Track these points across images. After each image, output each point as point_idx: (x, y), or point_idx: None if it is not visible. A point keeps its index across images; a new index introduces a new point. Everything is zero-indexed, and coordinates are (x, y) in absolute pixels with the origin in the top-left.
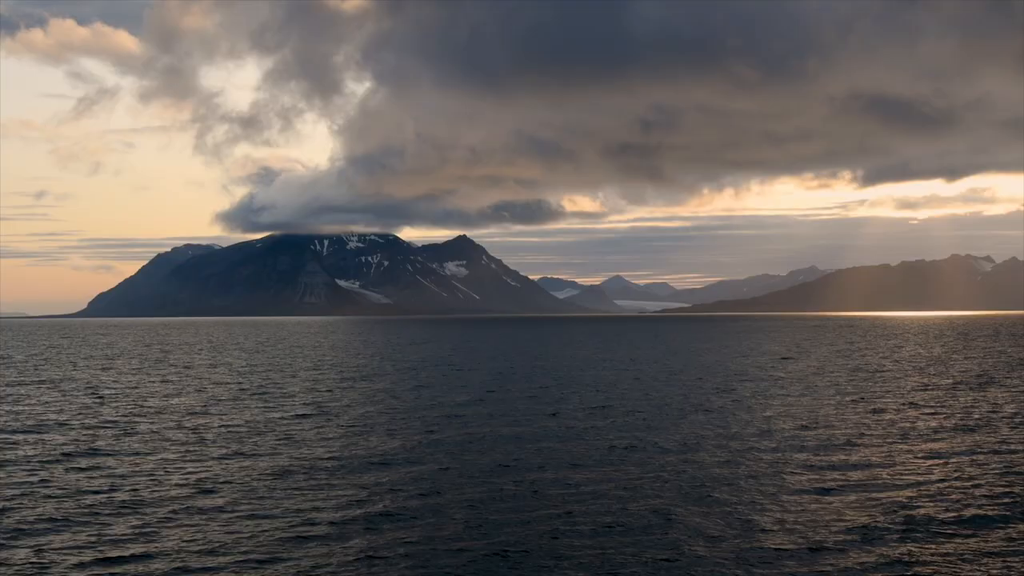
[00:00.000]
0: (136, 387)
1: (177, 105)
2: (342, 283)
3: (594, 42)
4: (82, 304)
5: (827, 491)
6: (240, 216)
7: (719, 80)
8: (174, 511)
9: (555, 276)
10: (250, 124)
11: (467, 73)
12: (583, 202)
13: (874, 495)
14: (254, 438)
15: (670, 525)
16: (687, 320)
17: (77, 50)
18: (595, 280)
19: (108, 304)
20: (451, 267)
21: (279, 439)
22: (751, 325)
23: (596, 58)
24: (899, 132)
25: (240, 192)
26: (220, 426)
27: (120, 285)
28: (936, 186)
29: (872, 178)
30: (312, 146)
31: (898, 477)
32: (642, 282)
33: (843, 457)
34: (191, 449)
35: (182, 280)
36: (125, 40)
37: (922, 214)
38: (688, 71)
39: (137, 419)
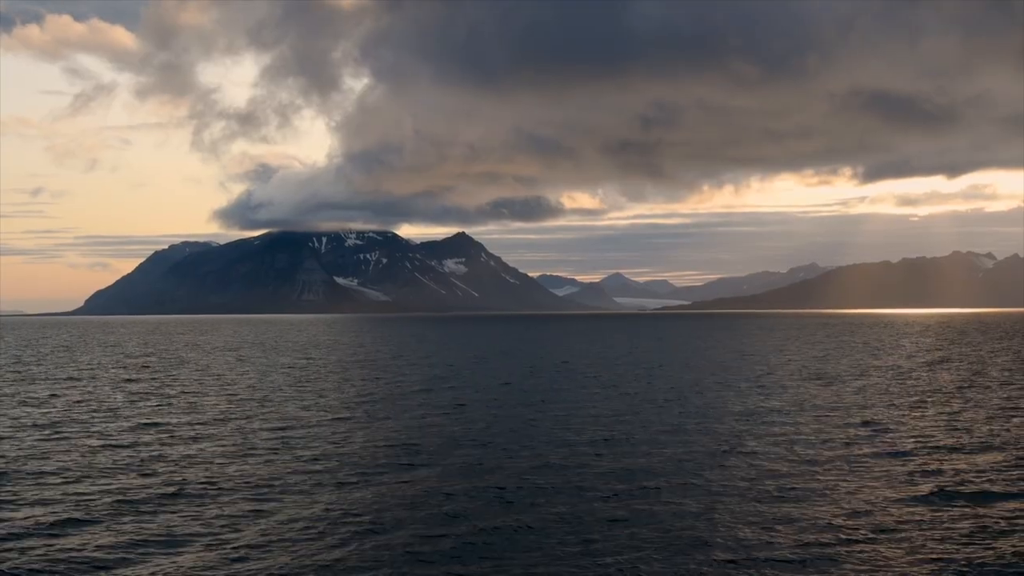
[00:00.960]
0: (164, 386)
1: (174, 102)
2: (340, 280)
3: (594, 39)
4: (79, 302)
5: (957, 495)
6: (237, 213)
7: (719, 77)
8: (246, 518)
9: (554, 273)
10: (247, 121)
11: (466, 70)
12: (582, 199)
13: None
14: (313, 441)
15: (810, 534)
16: (690, 318)
17: (74, 46)
18: (594, 277)
19: (105, 302)
20: (450, 264)
21: (336, 442)
22: (760, 323)
23: (596, 55)
24: (900, 129)
25: (237, 189)
26: (266, 428)
27: (117, 283)
28: (937, 183)
29: (873, 175)
30: (310, 143)
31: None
32: (642, 279)
33: (951, 462)
34: (250, 453)
35: (179, 277)
36: (122, 36)
37: (923, 211)
38: (688, 68)
39: (180, 420)
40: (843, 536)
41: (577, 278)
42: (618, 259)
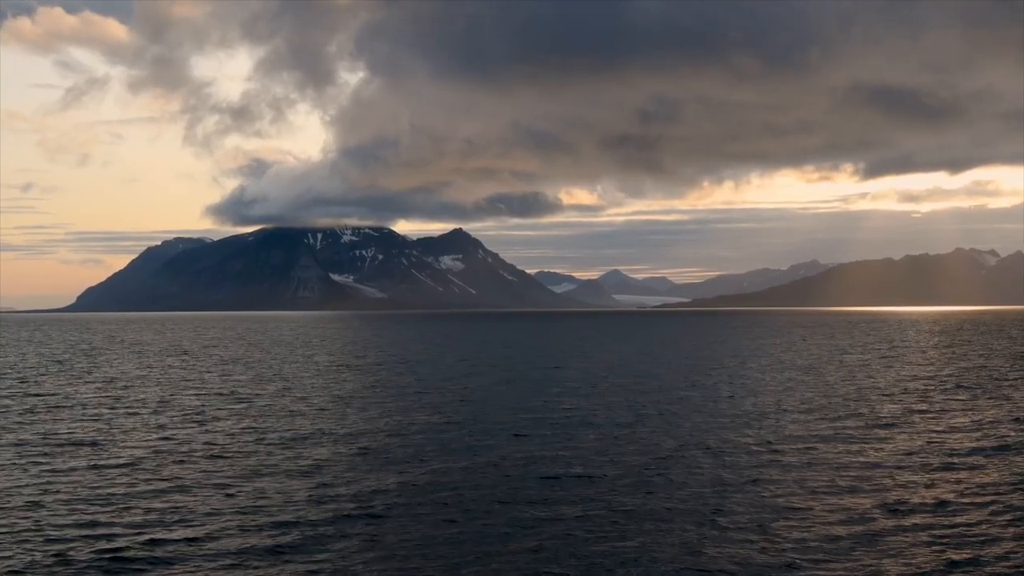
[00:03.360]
0: (233, 388)
1: (167, 96)
2: (336, 277)
3: (593, 33)
4: (71, 299)
5: None
6: (231, 209)
7: (719, 71)
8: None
9: (552, 270)
10: (241, 115)
11: (463, 63)
12: (581, 195)
13: None
14: (408, 448)
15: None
16: (694, 316)
17: (66, 39)
18: (592, 274)
19: (97, 298)
20: (447, 261)
21: (445, 451)
22: (776, 321)
23: (595, 49)
24: (901, 124)
25: (231, 185)
26: (373, 436)
27: (109, 279)
28: (939, 179)
29: (874, 171)
30: (304, 137)
31: None
32: (640, 276)
33: None
34: (357, 462)
35: (173, 274)
36: (115, 29)
37: (925, 207)
38: (688, 62)
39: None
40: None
41: (575, 275)
42: (616, 256)
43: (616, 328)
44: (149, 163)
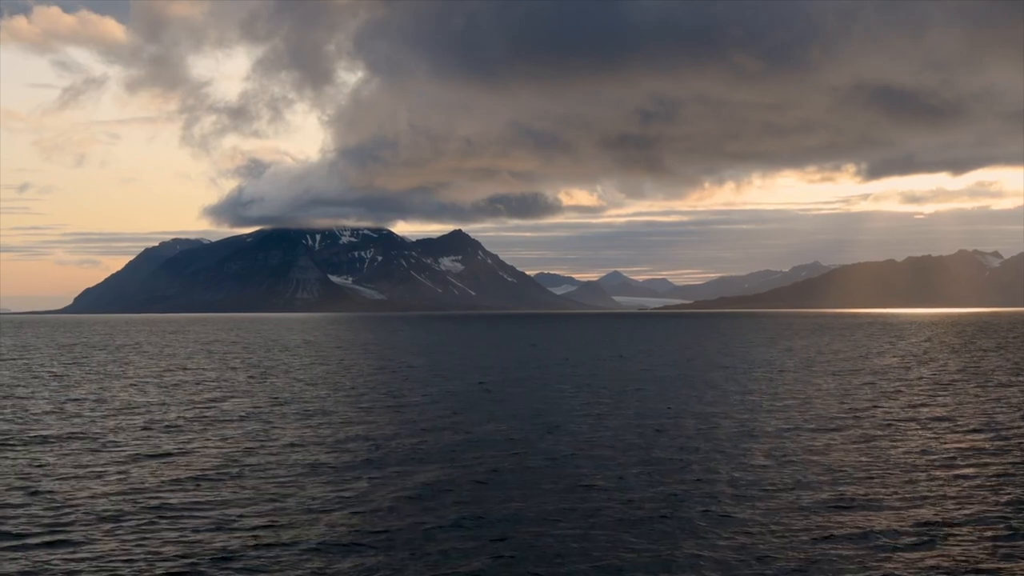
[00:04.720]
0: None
1: (164, 95)
2: (335, 278)
3: (592, 31)
4: (68, 300)
5: None
6: (229, 210)
7: (720, 70)
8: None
9: (551, 271)
10: (239, 115)
11: (462, 62)
12: (580, 196)
13: None
14: (511, 463)
15: None
16: (700, 317)
17: (63, 39)
18: (592, 276)
19: (95, 300)
20: (446, 262)
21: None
22: (796, 323)
23: (594, 47)
24: (904, 124)
25: (229, 185)
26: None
27: (107, 280)
28: (942, 180)
29: (876, 171)
30: (302, 137)
31: None
32: (641, 278)
33: None
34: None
35: (170, 275)
36: (112, 28)
37: (928, 208)
38: (688, 61)
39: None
40: None
41: (575, 276)
42: (616, 257)
43: (627, 329)
44: (146, 163)
